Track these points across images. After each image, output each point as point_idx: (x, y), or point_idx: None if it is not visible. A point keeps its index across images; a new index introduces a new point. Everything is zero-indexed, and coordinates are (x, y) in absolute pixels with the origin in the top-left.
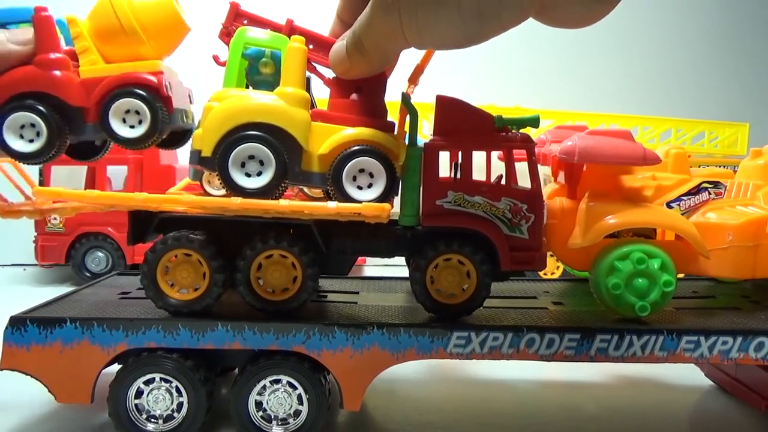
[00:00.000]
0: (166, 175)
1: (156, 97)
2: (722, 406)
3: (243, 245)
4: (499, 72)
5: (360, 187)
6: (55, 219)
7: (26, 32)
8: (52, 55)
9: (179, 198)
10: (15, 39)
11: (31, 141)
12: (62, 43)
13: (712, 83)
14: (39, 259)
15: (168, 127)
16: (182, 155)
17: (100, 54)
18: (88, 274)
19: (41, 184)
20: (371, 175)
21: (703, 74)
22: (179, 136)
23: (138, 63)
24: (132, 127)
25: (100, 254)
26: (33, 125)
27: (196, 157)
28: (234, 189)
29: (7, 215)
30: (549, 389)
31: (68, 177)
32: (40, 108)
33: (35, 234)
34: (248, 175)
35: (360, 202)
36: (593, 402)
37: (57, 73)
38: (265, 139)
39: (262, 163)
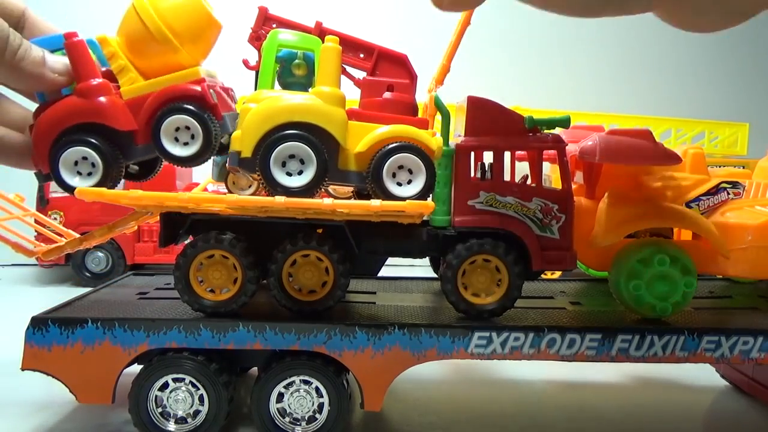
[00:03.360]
0: (166, 175)
1: (203, 108)
2: (739, 405)
3: (273, 247)
4: (498, 72)
5: (399, 184)
6: (54, 219)
7: (61, 60)
8: (93, 82)
9: (222, 197)
10: (52, 68)
11: (89, 174)
12: (98, 64)
13: (712, 83)
14: (39, 259)
15: (221, 135)
16: None
17: (137, 70)
18: (88, 274)
19: (41, 186)
20: (410, 172)
21: (702, 74)
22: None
23: (177, 74)
24: (186, 144)
25: (100, 254)
26: (86, 158)
27: (236, 159)
28: (277, 188)
29: (48, 255)
30: (553, 389)
31: None
32: (92, 140)
33: (35, 234)
34: (289, 174)
35: (401, 198)
36: (598, 402)
37: (101, 100)
38: (306, 137)
39: (302, 162)
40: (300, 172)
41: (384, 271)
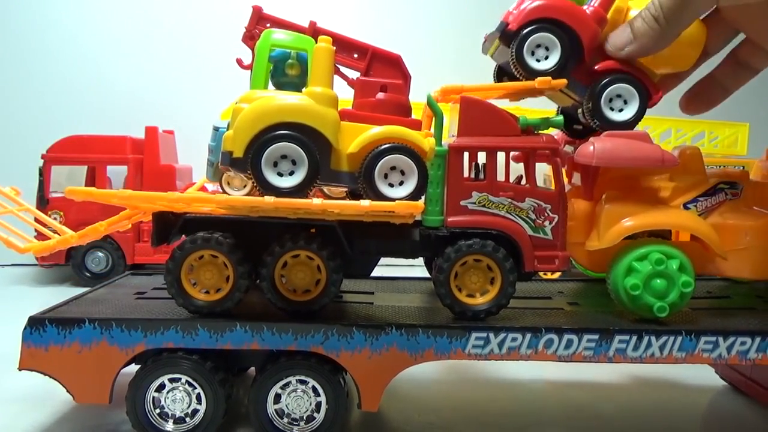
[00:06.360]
0: (166, 175)
1: None
2: (737, 405)
3: (267, 246)
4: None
5: (391, 185)
6: (55, 218)
7: None
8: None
9: (212, 197)
10: None
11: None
12: None
13: None
14: (39, 259)
15: None
16: (182, 155)
17: None
18: (87, 274)
19: (41, 183)
20: (402, 173)
21: (702, 74)
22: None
23: None
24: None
25: (100, 254)
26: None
27: (228, 159)
28: (267, 188)
29: (38, 252)
30: (551, 389)
31: (68, 177)
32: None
33: (35, 234)
34: (280, 174)
35: (392, 199)
36: (596, 401)
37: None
38: (298, 138)
39: (294, 162)
40: (291, 173)
41: (382, 271)
